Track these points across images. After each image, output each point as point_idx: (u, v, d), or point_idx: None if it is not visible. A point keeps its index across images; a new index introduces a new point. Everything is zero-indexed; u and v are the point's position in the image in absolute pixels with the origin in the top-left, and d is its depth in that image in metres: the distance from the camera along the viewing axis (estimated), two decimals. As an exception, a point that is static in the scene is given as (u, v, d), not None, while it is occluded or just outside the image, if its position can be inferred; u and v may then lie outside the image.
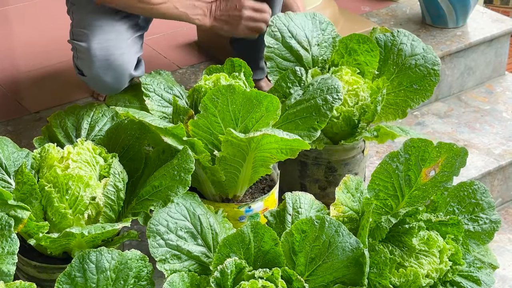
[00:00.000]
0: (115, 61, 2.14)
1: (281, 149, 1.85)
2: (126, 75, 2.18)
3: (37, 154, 1.80)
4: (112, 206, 1.74)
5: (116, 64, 2.14)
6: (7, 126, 2.49)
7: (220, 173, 1.87)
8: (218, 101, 1.79)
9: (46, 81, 2.66)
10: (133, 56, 2.20)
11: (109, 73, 2.15)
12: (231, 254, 1.60)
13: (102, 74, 2.16)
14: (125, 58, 2.17)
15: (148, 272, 1.60)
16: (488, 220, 1.86)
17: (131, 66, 2.18)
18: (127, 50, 2.18)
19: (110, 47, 2.14)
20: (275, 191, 2.03)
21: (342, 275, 1.64)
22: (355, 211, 1.81)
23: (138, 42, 2.26)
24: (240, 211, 1.94)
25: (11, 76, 2.76)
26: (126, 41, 2.19)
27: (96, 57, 2.14)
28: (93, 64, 2.15)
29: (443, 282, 1.76)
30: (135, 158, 1.85)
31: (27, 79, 2.73)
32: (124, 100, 2.04)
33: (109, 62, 2.14)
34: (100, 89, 2.28)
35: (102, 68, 2.15)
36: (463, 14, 2.98)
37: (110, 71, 2.14)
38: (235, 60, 2.06)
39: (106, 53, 2.14)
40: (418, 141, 1.79)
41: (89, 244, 1.71)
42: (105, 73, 2.15)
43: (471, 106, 2.93)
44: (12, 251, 1.48)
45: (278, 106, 1.83)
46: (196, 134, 1.84)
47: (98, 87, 2.25)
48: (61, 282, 1.52)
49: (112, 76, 2.16)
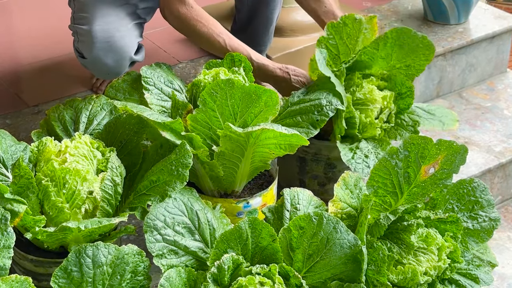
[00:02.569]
0: (116, 43, 2.17)
1: (279, 144, 1.84)
2: (126, 58, 2.20)
3: (35, 148, 1.79)
4: (109, 200, 1.73)
5: (117, 46, 2.17)
6: (6, 119, 2.48)
7: (219, 168, 1.86)
8: (217, 96, 1.78)
9: (45, 74, 2.66)
10: (134, 40, 2.23)
11: (109, 55, 2.17)
12: (229, 250, 1.60)
13: (103, 56, 2.18)
14: (126, 41, 2.19)
15: (145, 267, 1.59)
16: (487, 218, 1.85)
17: (132, 49, 2.21)
18: (128, 33, 2.21)
19: (111, 30, 2.17)
20: (274, 187, 2.02)
21: (339, 272, 1.63)
22: (353, 208, 1.80)
23: (138, 29, 2.28)
24: (238, 206, 1.93)
25: (10, 69, 2.76)
26: (126, 25, 2.22)
27: (97, 39, 2.17)
28: (94, 46, 2.17)
29: (442, 280, 1.75)
30: (133, 152, 1.84)
31: (26, 72, 2.72)
32: (124, 92, 2.02)
33: (110, 44, 2.17)
34: (100, 72, 2.29)
35: (103, 50, 2.17)
36: (465, 11, 2.97)
37: (110, 53, 2.17)
38: (235, 55, 2.04)
39: (107, 35, 2.17)
40: (418, 138, 1.78)
41: (86, 238, 1.70)
42: (105, 55, 2.17)
43: (472, 103, 2.92)
44: (8, 245, 1.47)
45: (277, 101, 1.82)
46: (194, 129, 1.83)
47: (98, 70, 2.26)
48: (58, 277, 1.52)
49: (113, 59, 2.18)
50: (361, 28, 2.15)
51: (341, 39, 2.15)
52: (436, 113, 2.21)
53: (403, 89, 2.15)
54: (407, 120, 2.16)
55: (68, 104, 1.97)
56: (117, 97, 2.00)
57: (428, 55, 2.15)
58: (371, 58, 2.14)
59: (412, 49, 2.14)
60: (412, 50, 2.14)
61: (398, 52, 2.14)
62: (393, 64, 2.16)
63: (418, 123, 2.15)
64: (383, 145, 2.09)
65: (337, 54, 2.17)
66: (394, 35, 2.12)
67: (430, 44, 2.14)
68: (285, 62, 2.59)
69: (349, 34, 2.15)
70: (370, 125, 2.09)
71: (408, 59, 2.16)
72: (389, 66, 2.17)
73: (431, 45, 2.14)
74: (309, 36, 2.71)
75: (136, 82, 2.01)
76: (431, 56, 2.15)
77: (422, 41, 2.14)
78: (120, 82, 2.02)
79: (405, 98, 2.15)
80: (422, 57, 2.15)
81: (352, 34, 2.15)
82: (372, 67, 2.16)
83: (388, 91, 2.14)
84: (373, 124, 2.09)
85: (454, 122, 2.18)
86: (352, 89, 2.12)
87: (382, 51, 2.13)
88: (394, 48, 2.14)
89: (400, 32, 2.12)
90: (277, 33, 2.67)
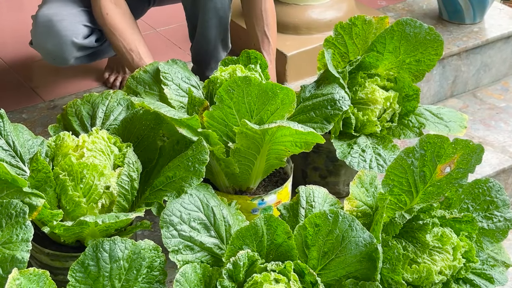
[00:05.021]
0: (53, 27, 2.18)
1: (295, 142, 1.84)
2: (67, 43, 2.20)
3: (52, 142, 1.80)
4: (125, 195, 1.74)
5: (54, 30, 2.18)
6: (22, 114, 2.50)
7: (234, 165, 1.87)
8: (233, 93, 1.78)
9: (61, 69, 2.67)
10: (76, 25, 2.21)
11: (49, 40, 2.20)
12: (244, 246, 1.60)
13: (44, 40, 2.21)
14: (64, 25, 2.19)
15: (160, 263, 1.60)
16: (502, 218, 1.84)
17: (72, 33, 2.20)
18: (68, 18, 2.20)
19: (50, 14, 2.19)
20: (289, 184, 2.03)
21: (354, 270, 1.63)
22: (369, 206, 1.80)
23: (89, 15, 2.25)
24: (253, 203, 1.94)
25: (26, 64, 2.77)
26: (70, 10, 2.22)
27: (37, 24, 2.21)
28: (35, 31, 2.22)
29: (456, 279, 1.75)
30: (149, 148, 1.85)
31: (42, 68, 2.74)
32: (145, 84, 2.02)
33: (48, 29, 2.18)
34: (46, 57, 2.30)
35: (42, 34, 2.20)
36: (481, 10, 2.96)
37: (50, 38, 2.19)
38: (251, 52, 2.05)
39: (46, 19, 2.19)
40: (434, 137, 1.78)
41: (102, 233, 1.71)
42: (46, 39, 2.20)
43: (486, 103, 2.91)
44: (26, 238, 1.48)
45: (294, 98, 1.82)
46: (211, 126, 1.84)
47: (44, 55, 2.28)
48: (75, 270, 1.52)
49: (52, 43, 2.20)
50: (371, 29, 2.16)
51: (350, 39, 2.15)
52: (445, 117, 2.20)
53: (410, 91, 2.15)
54: (413, 122, 2.17)
55: (85, 99, 1.98)
56: (137, 89, 2.01)
57: (437, 48, 2.14)
58: (379, 53, 2.14)
59: (419, 41, 2.14)
60: (419, 43, 2.14)
61: (406, 44, 2.14)
62: (402, 59, 2.16)
63: (424, 125, 2.15)
64: (385, 142, 2.10)
65: (346, 52, 2.18)
66: (400, 27, 2.13)
67: (437, 35, 2.14)
68: (300, 60, 2.60)
69: (358, 34, 2.15)
70: (369, 123, 2.10)
71: (417, 53, 2.15)
72: (398, 62, 2.16)
73: (439, 36, 2.14)
74: (324, 34, 2.70)
75: (158, 75, 2.01)
76: (440, 50, 2.15)
77: (429, 32, 2.13)
78: (141, 74, 2.02)
79: (411, 100, 2.15)
80: (431, 50, 2.15)
81: (361, 34, 2.16)
82: (378, 66, 2.16)
83: (393, 91, 2.14)
84: (372, 122, 2.09)
85: (461, 129, 2.16)
86: (355, 88, 2.12)
87: (390, 45, 2.13)
88: (402, 40, 2.14)
89: (405, 24, 2.13)
90: (293, 31, 2.67)
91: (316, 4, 2.71)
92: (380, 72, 2.17)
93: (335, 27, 2.15)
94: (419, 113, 2.18)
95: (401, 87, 2.15)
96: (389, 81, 2.16)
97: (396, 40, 2.14)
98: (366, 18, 2.15)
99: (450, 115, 2.21)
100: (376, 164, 2.02)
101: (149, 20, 2.91)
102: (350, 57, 2.19)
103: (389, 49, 2.14)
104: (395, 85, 2.16)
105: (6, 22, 3.04)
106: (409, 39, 2.14)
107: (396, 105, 2.13)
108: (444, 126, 2.17)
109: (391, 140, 2.11)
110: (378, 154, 2.05)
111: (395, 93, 2.13)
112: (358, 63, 2.12)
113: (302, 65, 2.61)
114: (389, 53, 2.15)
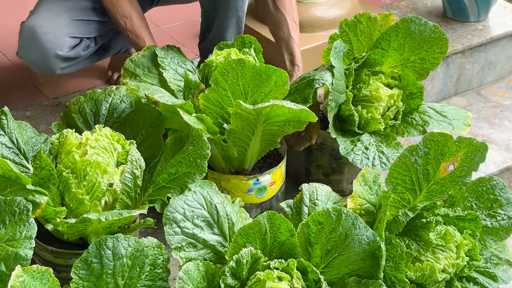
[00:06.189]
0: (37, 40, 2.16)
1: (288, 121, 1.86)
2: (50, 55, 2.17)
3: (55, 140, 1.80)
4: (129, 193, 1.74)
5: (38, 43, 2.16)
6: (26, 111, 2.50)
7: (233, 149, 1.90)
8: (228, 75, 1.81)
9: (65, 67, 2.67)
10: (61, 37, 2.18)
11: (33, 52, 2.18)
12: (247, 244, 1.60)
13: (28, 52, 2.20)
14: (49, 37, 2.16)
15: (164, 260, 1.60)
16: (506, 216, 1.84)
17: (56, 46, 2.17)
18: (53, 30, 2.17)
19: (36, 26, 2.17)
20: (283, 165, 2.05)
21: (357, 268, 1.63)
22: (372, 204, 1.80)
23: (78, 25, 2.23)
24: (248, 183, 1.96)
25: (30, 62, 2.77)
26: (57, 21, 2.19)
27: (22, 36, 2.19)
28: (21, 43, 2.21)
29: (460, 278, 1.75)
30: (153, 145, 1.85)
31: (46, 65, 2.74)
32: (143, 67, 2.03)
33: (33, 41, 2.16)
34: (33, 68, 2.28)
35: (27, 46, 2.18)
36: (485, 8, 2.95)
37: (34, 50, 2.17)
38: (245, 37, 2.08)
39: (31, 31, 2.17)
40: (438, 135, 1.78)
41: (106, 230, 1.71)
42: (29, 51, 2.18)
43: (490, 101, 2.90)
44: (29, 236, 1.48)
45: (287, 81, 1.85)
46: (206, 108, 1.87)
47: (31, 66, 2.26)
48: (78, 268, 1.52)
49: (36, 55, 2.18)
50: (376, 26, 2.15)
51: (355, 36, 2.15)
52: (448, 115, 2.20)
53: (414, 89, 2.15)
54: (417, 119, 2.16)
55: (89, 96, 1.98)
56: (135, 72, 2.02)
57: (442, 46, 2.14)
58: (384, 50, 2.14)
59: (424, 39, 2.13)
60: (424, 40, 2.13)
61: (411, 42, 2.14)
62: (407, 56, 2.16)
63: (428, 123, 2.15)
64: (389, 140, 2.10)
65: (351, 49, 2.17)
66: (405, 24, 2.12)
67: (442, 33, 2.13)
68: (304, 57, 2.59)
69: (363, 32, 2.15)
70: (372, 120, 2.09)
71: (422, 51, 2.15)
72: (403, 59, 2.16)
73: (444, 34, 2.13)
74: (328, 32, 2.71)
75: (155, 58, 2.03)
76: (445, 48, 2.14)
77: (434, 30, 2.13)
78: (140, 57, 2.04)
79: (415, 98, 2.15)
80: (436, 48, 2.14)
81: (366, 31, 2.15)
82: (383, 64, 2.16)
83: (397, 89, 2.14)
84: (376, 119, 2.09)
85: (465, 127, 2.16)
86: (359, 86, 2.12)
87: (395, 42, 2.13)
88: (406, 38, 2.13)
89: (411, 21, 2.12)
90: (296, 29, 2.67)
91: (319, 2, 2.71)
92: (385, 70, 2.16)
93: (340, 24, 2.15)
94: (423, 111, 2.18)
95: (405, 85, 2.15)
96: (393, 78, 2.16)
97: (401, 38, 2.13)
98: (371, 15, 2.14)
99: (454, 113, 2.21)
100: (379, 162, 2.02)
101: (153, 18, 2.91)
102: (355, 54, 2.18)
103: (394, 46, 2.14)
104: (399, 83, 2.15)
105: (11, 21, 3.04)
106: (414, 36, 2.13)
107: (400, 103, 2.13)
108: (448, 124, 2.17)
109: (394, 138, 2.11)
110: (381, 152, 2.05)
111: (399, 91, 2.13)
112: (364, 60, 2.12)
113: (305, 62, 2.61)
114: (393, 51, 2.14)
